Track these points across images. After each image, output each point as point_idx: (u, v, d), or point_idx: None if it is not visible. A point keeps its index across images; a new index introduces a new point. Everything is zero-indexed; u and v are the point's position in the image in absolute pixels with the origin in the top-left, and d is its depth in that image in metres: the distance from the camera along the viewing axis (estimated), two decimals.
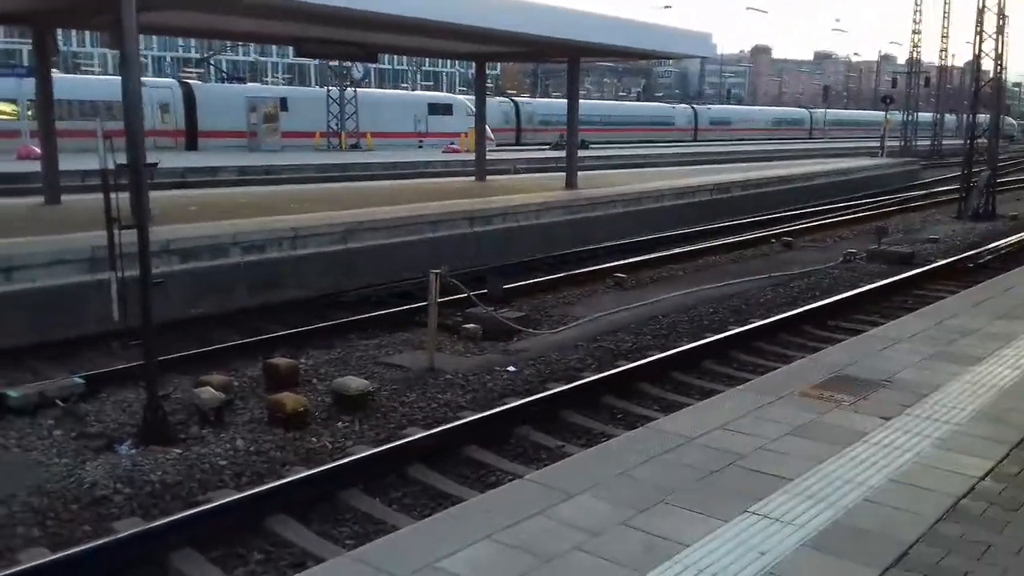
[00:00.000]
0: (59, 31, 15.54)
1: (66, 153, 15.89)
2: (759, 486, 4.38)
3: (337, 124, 40.64)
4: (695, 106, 71.84)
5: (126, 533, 5.24)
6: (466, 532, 3.85)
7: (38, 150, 20.28)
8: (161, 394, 7.10)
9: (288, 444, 6.91)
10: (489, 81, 27.86)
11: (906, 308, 11.21)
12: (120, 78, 6.95)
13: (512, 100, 56.35)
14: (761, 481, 4.44)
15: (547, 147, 44.22)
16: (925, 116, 59.13)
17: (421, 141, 44.51)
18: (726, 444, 4.95)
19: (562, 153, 26.70)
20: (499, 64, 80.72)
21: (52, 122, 15.23)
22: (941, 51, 50.78)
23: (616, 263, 14.65)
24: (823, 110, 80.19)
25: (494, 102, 53.30)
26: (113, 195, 7.44)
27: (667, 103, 78.72)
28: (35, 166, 19.03)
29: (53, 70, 15.73)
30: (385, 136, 42.60)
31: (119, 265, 7.26)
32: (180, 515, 5.48)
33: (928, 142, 53.89)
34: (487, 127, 24.55)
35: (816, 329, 10.60)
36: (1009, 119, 74.25)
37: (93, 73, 78.23)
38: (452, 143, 41.25)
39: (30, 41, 15.66)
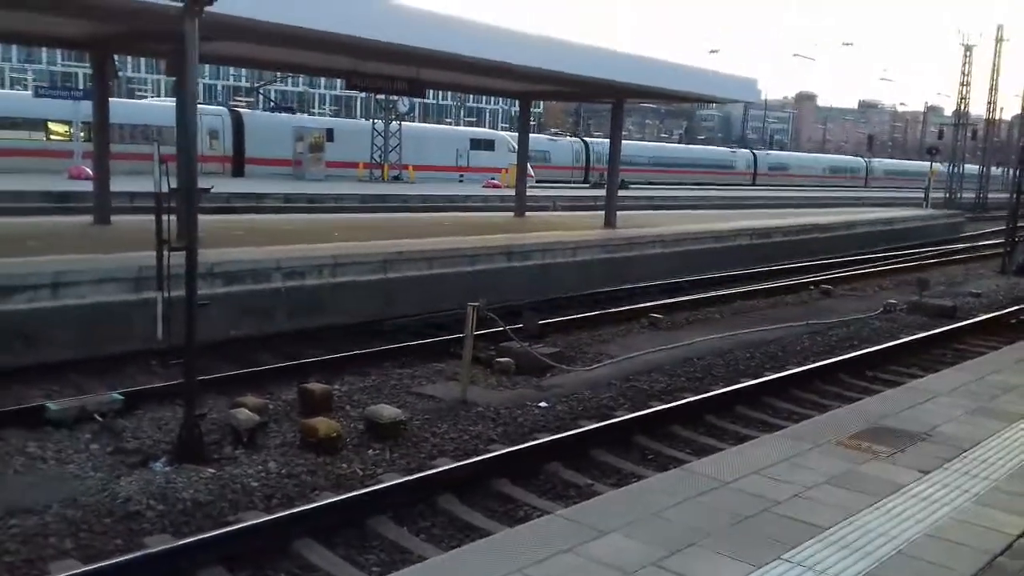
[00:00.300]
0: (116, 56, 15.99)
1: (116, 175, 16.27)
2: (793, 533, 4.32)
3: (381, 156, 41.19)
4: (755, 151, 72.87)
5: (157, 549, 5.30)
6: (496, 565, 3.84)
7: (89, 171, 20.81)
8: (198, 413, 7.19)
9: (319, 469, 6.95)
10: (531, 119, 28.15)
11: (946, 362, 11.04)
12: (173, 104, 7.14)
13: (583, 140, 58.14)
14: (795, 528, 4.39)
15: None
16: (971, 168, 58.52)
17: (462, 175, 44.94)
18: (761, 490, 4.90)
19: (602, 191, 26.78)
20: (542, 102, 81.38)
21: (107, 144, 15.62)
22: (989, 103, 50.42)
23: (652, 303, 14.61)
24: (879, 159, 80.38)
25: (565, 141, 56.16)
26: (164, 217, 7.60)
27: (728, 147, 79.69)
28: (86, 186, 19.50)
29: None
30: (427, 169, 43.12)
31: (166, 285, 7.40)
32: (210, 534, 5.53)
33: (973, 195, 53.26)
34: (527, 164, 24.73)
35: (854, 379, 10.46)
36: None
37: (145, 98, 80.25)
38: (493, 178, 41.60)
39: (87, 64, 16.12)
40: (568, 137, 59.64)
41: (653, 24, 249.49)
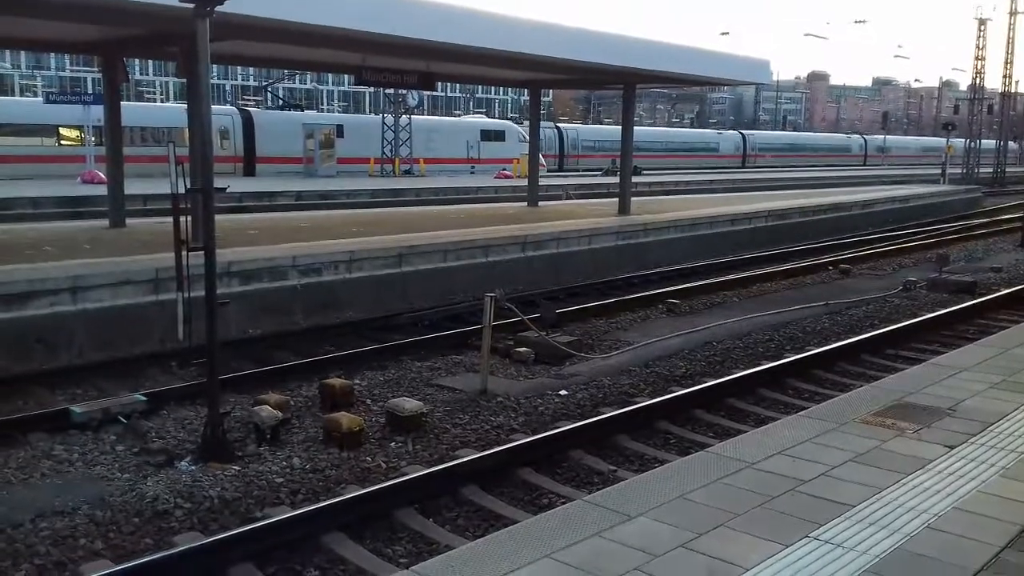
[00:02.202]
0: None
1: (127, 178, 16.35)
2: (820, 512, 4.31)
3: (391, 150, 41.22)
4: (743, 132, 71.31)
5: (187, 547, 5.34)
6: (524, 551, 3.85)
7: (102, 175, 20.95)
8: (221, 412, 7.23)
9: (343, 463, 6.98)
10: (541, 108, 28.04)
11: (968, 338, 10.94)
12: (184, 106, 7.17)
13: (556, 127, 57.29)
14: (822, 507, 4.37)
15: (600, 172, 44.35)
16: (988, 143, 57.94)
17: (473, 167, 44.91)
18: (786, 470, 4.88)
19: (614, 179, 26.71)
20: (551, 91, 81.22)
21: (119, 147, 15.70)
22: (1005, 77, 49.88)
23: (669, 288, 14.57)
24: (882, 136, 78.70)
25: (547, 126, 54.43)
26: (180, 218, 7.64)
27: (715, 130, 78.85)
28: (100, 190, 19.64)
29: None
30: (438, 162, 43.12)
31: (186, 286, 7.44)
32: (239, 530, 5.57)
33: (990, 169, 52.77)
34: (539, 153, 24.68)
35: (876, 358, 10.40)
36: None
37: (154, 101, 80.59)
38: (504, 169, 41.54)
39: (96, 69, 16.20)
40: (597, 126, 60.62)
41: (662, 7, 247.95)
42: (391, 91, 40.66)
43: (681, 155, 59.22)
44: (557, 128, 56.01)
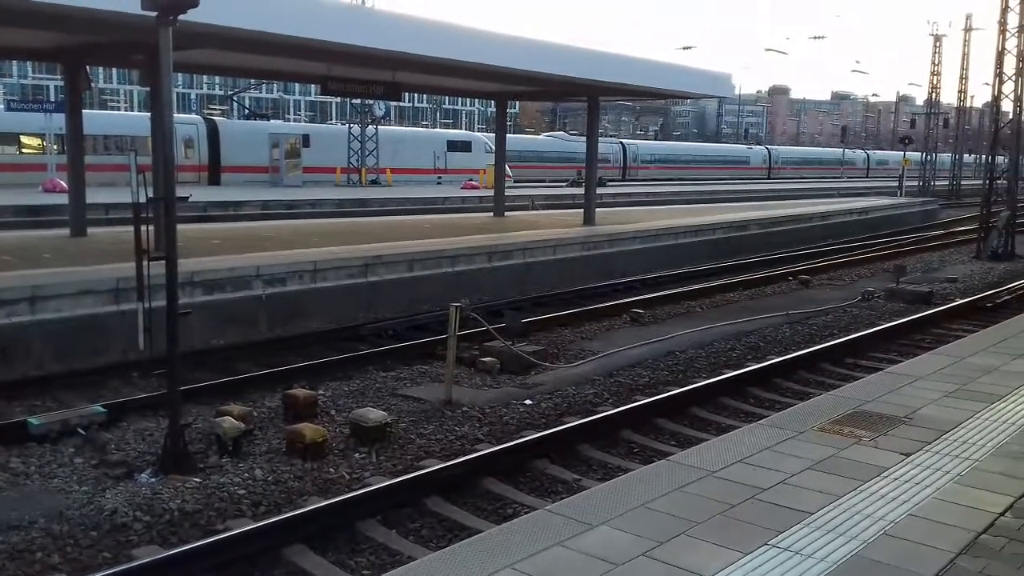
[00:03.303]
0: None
1: (89, 187, 16.14)
2: (779, 519, 4.37)
3: (358, 160, 41.10)
4: (769, 147, 78.89)
5: (146, 560, 5.27)
6: (487, 561, 3.86)
7: (63, 184, 20.65)
8: (182, 423, 7.16)
9: (306, 474, 6.94)
10: (508, 119, 28.06)
11: (925, 347, 11.16)
12: (148, 115, 7.11)
13: (620, 142, 63.94)
14: (781, 514, 4.44)
15: (565, 182, 44.61)
16: (944, 156, 59.21)
17: (440, 177, 44.93)
18: (746, 478, 4.95)
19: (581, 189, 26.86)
20: (518, 102, 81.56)
21: (81, 156, 15.50)
22: (959, 92, 50.96)
23: (634, 298, 14.68)
24: (874, 151, 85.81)
25: (604, 141, 58.57)
26: (142, 227, 7.56)
27: (745, 144, 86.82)
28: (61, 199, 19.35)
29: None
30: (405, 172, 43.07)
31: (147, 295, 7.36)
32: (199, 543, 5.51)
33: (946, 182, 53.81)
34: (505, 164, 24.75)
35: (835, 367, 10.57)
36: None
37: (118, 109, 79.61)
38: (471, 179, 41.59)
39: (58, 76, 16.01)
40: (608, 138, 66.01)
41: (626, 22, 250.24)
42: (358, 101, 40.59)
43: (719, 167, 66.74)
44: (621, 144, 62.51)
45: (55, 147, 30.99)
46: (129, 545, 5.73)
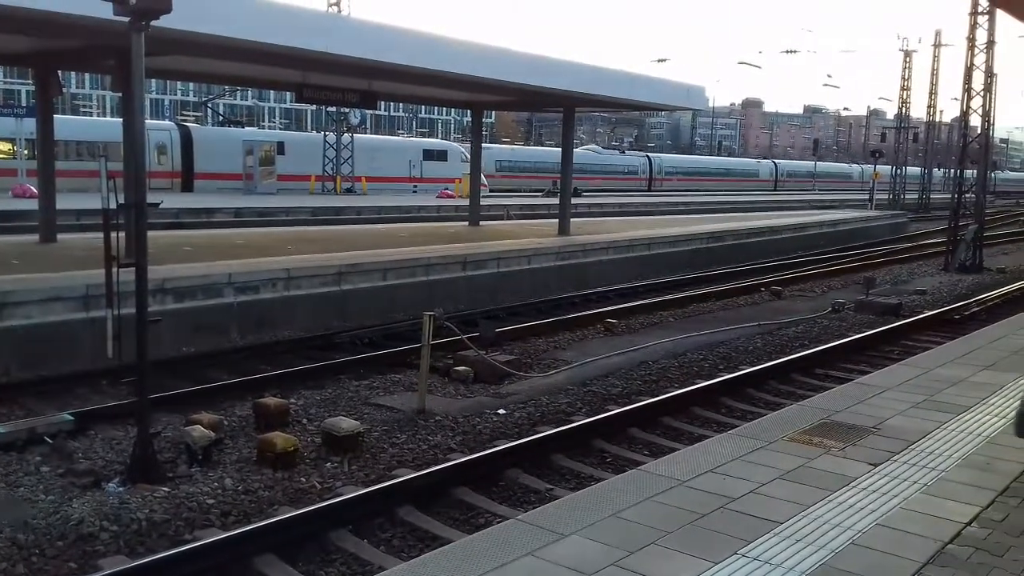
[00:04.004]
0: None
1: (60, 192, 15.96)
2: (749, 529, 4.40)
3: (333, 168, 40.96)
4: (775, 161, 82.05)
5: (112, 571, 5.20)
6: (457, 571, 3.85)
7: (34, 189, 20.37)
8: (151, 432, 7.08)
9: (277, 484, 6.89)
10: (483, 129, 28.15)
11: (893, 358, 11.27)
12: (120, 120, 7.06)
13: (647, 155, 67.21)
14: (751, 524, 4.47)
15: (540, 193, 44.73)
16: (912, 170, 60.09)
17: (415, 186, 44.88)
18: (717, 487, 4.98)
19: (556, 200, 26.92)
20: (494, 112, 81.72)
21: (52, 162, 15.33)
22: (929, 107, 51.70)
23: (607, 308, 14.73)
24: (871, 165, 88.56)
25: (632, 154, 66.89)
26: (112, 234, 7.49)
27: (752, 159, 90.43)
28: (31, 204, 19.10)
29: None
30: (380, 181, 42.99)
31: (116, 302, 7.29)
32: (166, 553, 5.45)
33: (916, 196, 54.55)
34: (481, 174, 24.79)
35: (805, 377, 10.66)
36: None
37: (91, 114, 78.85)
38: (446, 188, 41.57)
39: (30, 81, 15.83)
40: (636, 152, 71.27)
41: (600, 33, 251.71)
42: (333, 109, 40.47)
43: (732, 179, 70.67)
44: (648, 157, 65.92)
45: (25, 152, 30.65)
46: (96, 555, 5.66)
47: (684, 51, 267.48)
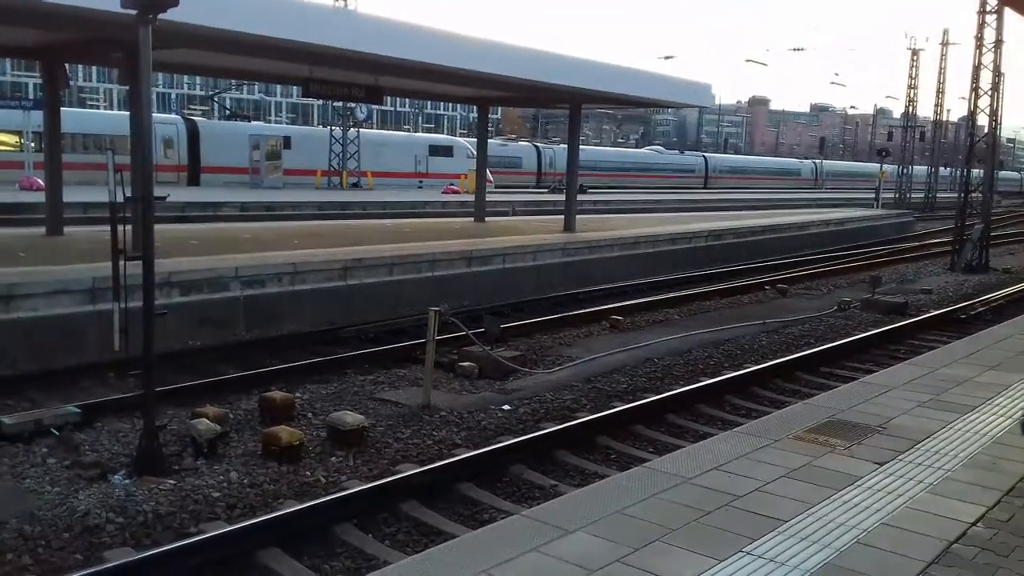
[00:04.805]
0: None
1: (67, 185, 15.99)
2: (754, 527, 4.40)
3: (339, 163, 40.98)
4: (815, 161, 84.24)
5: (118, 563, 5.23)
6: (462, 566, 3.86)
7: (40, 182, 20.44)
8: (157, 425, 7.10)
9: (282, 477, 6.90)
10: (489, 125, 28.20)
11: (899, 357, 11.26)
12: (127, 114, 7.07)
13: (703, 155, 71.44)
14: (756, 522, 4.47)
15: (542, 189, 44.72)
16: (919, 169, 60.00)
17: (421, 182, 44.89)
18: (722, 485, 4.98)
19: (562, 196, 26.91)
20: (499, 108, 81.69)
21: (59, 154, 15.36)
22: (936, 106, 51.56)
23: (612, 305, 14.72)
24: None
25: (691, 154, 71.57)
26: (119, 227, 7.50)
27: (795, 158, 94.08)
28: (38, 197, 19.15)
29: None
30: (386, 176, 42.98)
31: (123, 295, 7.30)
32: (172, 546, 5.47)
33: (922, 195, 54.41)
34: (487, 169, 24.77)
35: (810, 375, 10.65)
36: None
37: (97, 108, 78.93)
38: (452, 184, 41.56)
39: (37, 74, 15.86)
40: (691, 152, 74.90)
41: (606, 30, 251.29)
42: (340, 104, 40.46)
43: (777, 177, 74.48)
44: (704, 157, 70.30)
45: (32, 145, 30.70)
46: (101, 547, 5.68)
47: (691, 48, 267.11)
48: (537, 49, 17.12)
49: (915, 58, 51.26)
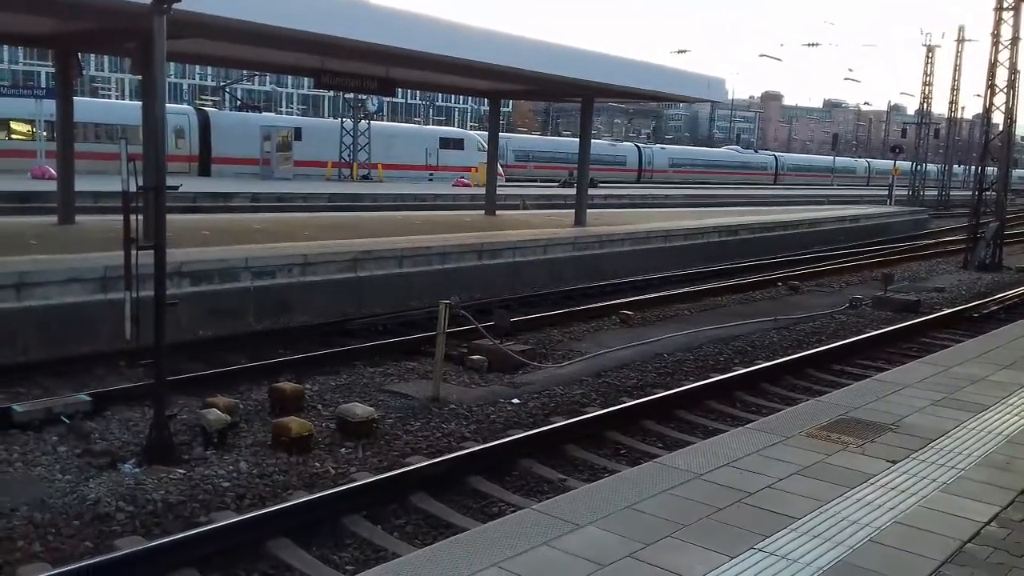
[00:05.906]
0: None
1: (79, 174, 16.04)
2: (766, 524, 4.37)
3: (349, 155, 41.01)
4: (868, 160, 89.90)
5: (128, 551, 5.24)
6: (472, 559, 3.84)
7: (52, 171, 20.51)
8: (167, 414, 7.11)
9: (291, 468, 6.91)
10: (500, 118, 28.24)
11: (912, 355, 11.20)
12: (139, 103, 7.06)
13: (774, 154, 79.03)
14: (768, 519, 4.44)
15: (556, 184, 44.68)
16: (932, 167, 59.74)
17: (432, 174, 44.91)
18: (733, 482, 4.95)
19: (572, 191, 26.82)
20: (511, 102, 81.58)
21: (71, 143, 15.39)
22: (951, 103, 51.21)
23: (623, 300, 14.68)
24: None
25: (764, 153, 78.76)
26: (131, 216, 7.50)
27: (827, 155, 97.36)
28: (50, 186, 19.21)
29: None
30: (396, 168, 43.03)
31: (135, 285, 7.31)
32: (181, 535, 5.47)
33: (935, 192, 54.12)
34: (498, 163, 24.73)
35: (822, 373, 10.59)
36: None
37: (109, 97, 79.18)
38: (462, 177, 41.55)
39: (50, 63, 15.90)
40: (729, 147, 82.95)
41: (620, 24, 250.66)
42: (351, 96, 40.48)
43: (835, 175, 77.47)
44: (774, 156, 77.76)
45: (44, 134, 30.83)
46: (111, 535, 5.69)
47: (704, 43, 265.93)
48: (550, 42, 17.07)
49: (930, 55, 50.94)
